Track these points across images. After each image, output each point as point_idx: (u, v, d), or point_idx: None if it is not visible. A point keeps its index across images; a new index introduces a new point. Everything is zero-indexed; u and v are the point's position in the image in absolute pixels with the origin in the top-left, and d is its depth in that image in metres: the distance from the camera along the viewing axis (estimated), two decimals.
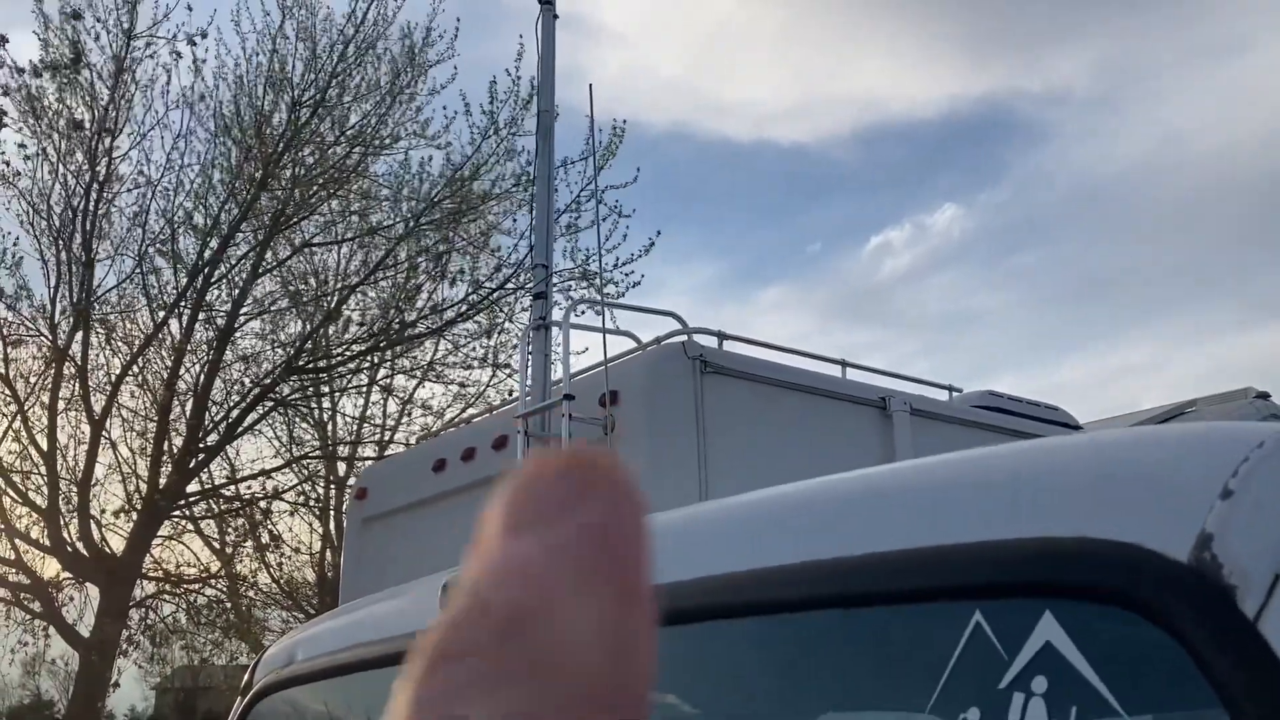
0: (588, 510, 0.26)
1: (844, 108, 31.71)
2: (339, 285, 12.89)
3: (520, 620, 0.24)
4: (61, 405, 11.74)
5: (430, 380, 13.70)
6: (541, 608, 0.24)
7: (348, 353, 12.85)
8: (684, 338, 4.13)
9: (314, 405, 14.34)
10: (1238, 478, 0.76)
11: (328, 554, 14.42)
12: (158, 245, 12.08)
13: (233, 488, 13.30)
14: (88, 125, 11.64)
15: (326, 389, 14.03)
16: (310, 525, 14.41)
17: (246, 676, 2.11)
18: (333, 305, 12.64)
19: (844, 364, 4.79)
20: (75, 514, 11.60)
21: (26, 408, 11.79)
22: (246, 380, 12.66)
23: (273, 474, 13.39)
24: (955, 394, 5.30)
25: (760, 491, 1.23)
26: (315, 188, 12.27)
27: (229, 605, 13.77)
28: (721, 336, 4.34)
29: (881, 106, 31.66)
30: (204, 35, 11.90)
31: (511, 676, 0.23)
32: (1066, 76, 29.37)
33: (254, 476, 13.32)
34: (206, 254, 11.92)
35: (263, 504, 13.20)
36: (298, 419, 14.44)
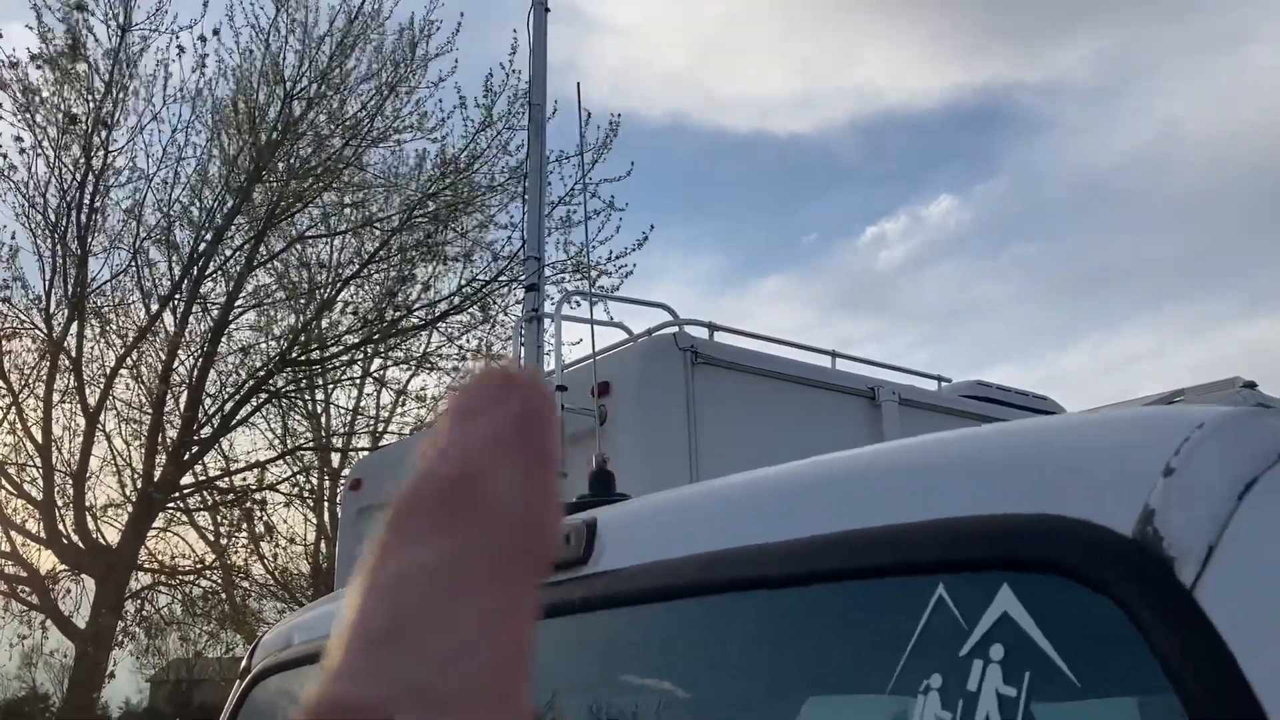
0: (508, 404, 0.35)
1: (843, 99, 31.80)
2: (332, 277, 12.90)
3: (459, 483, 0.32)
4: (56, 398, 11.77)
5: (424, 372, 13.74)
6: (475, 473, 0.33)
7: (341, 344, 12.87)
8: (675, 329, 4.17)
9: (308, 397, 14.37)
10: (1179, 456, 0.81)
11: (322, 545, 14.46)
12: (153, 238, 12.10)
13: (227, 479, 13.32)
14: (83, 119, 11.63)
15: (320, 381, 14.06)
16: (304, 516, 14.46)
17: (245, 660, 2.16)
18: (326, 297, 12.66)
19: (834, 355, 4.85)
20: (70, 506, 11.62)
21: (21, 400, 11.82)
22: (241, 372, 12.69)
23: (267, 466, 13.43)
24: (944, 384, 5.36)
25: (740, 474, 1.28)
26: (310, 180, 12.28)
27: (224, 597, 13.81)
28: (712, 328, 4.39)
29: (880, 98, 31.75)
30: (216, 33, 11.90)
31: (454, 526, 0.32)
32: (1065, 68, 29.44)
33: (248, 468, 13.36)
34: (201, 247, 11.93)
35: (257, 495, 13.24)
36: (292, 411, 14.48)
